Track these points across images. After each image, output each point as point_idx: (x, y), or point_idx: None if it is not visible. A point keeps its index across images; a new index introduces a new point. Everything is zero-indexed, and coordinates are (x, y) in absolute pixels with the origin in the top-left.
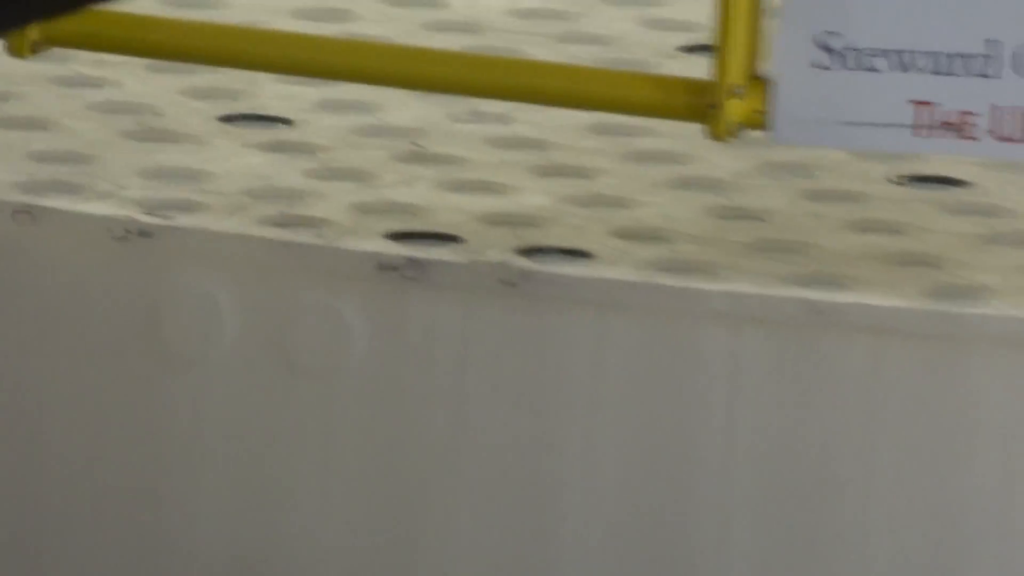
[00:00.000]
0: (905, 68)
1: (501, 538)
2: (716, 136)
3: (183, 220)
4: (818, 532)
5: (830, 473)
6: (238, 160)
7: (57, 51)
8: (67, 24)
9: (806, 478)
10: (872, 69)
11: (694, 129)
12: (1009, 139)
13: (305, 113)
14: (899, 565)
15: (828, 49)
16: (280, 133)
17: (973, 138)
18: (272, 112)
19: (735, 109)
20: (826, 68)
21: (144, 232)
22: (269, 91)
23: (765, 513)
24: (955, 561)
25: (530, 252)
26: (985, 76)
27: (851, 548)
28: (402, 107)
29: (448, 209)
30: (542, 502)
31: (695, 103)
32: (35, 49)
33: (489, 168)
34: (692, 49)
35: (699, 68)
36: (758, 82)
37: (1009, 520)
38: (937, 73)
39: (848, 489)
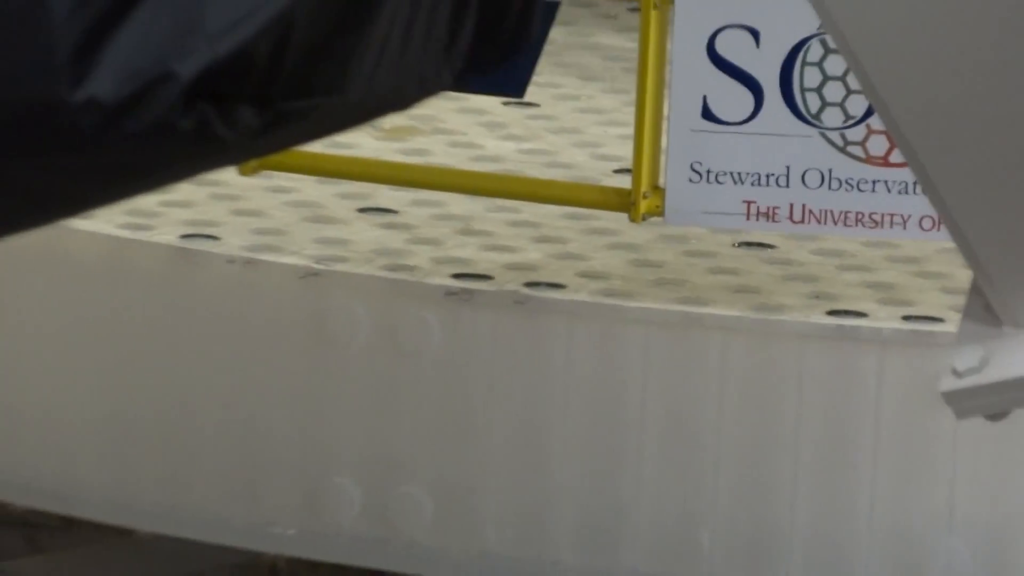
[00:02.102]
0: (738, 183)
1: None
2: (633, 220)
3: (337, 266)
4: None
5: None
6: (367, 233)
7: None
8: (276, 156)
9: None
10: (720, 183)
11: (622, 216)
12: (800, 222)
13: (404, 207)
14: None
15: (696, 171)
16: (390, 218)
17: (777, 221)
18: (385, 206)
19: (644, 205)
20: (695, 182)
21: (315, 273)
22: (384, 194)
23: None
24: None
25: (530, 285)
26: (785, 187)
27: None
28: (458, 203)
29: (484, 261)
30: (535, 441)
31: (623, 202)
32: (255, 171)
33: (506, 238)
34: (620, 171)
35: (625, 181)
36: (657, 190)
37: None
38: (756, 185)
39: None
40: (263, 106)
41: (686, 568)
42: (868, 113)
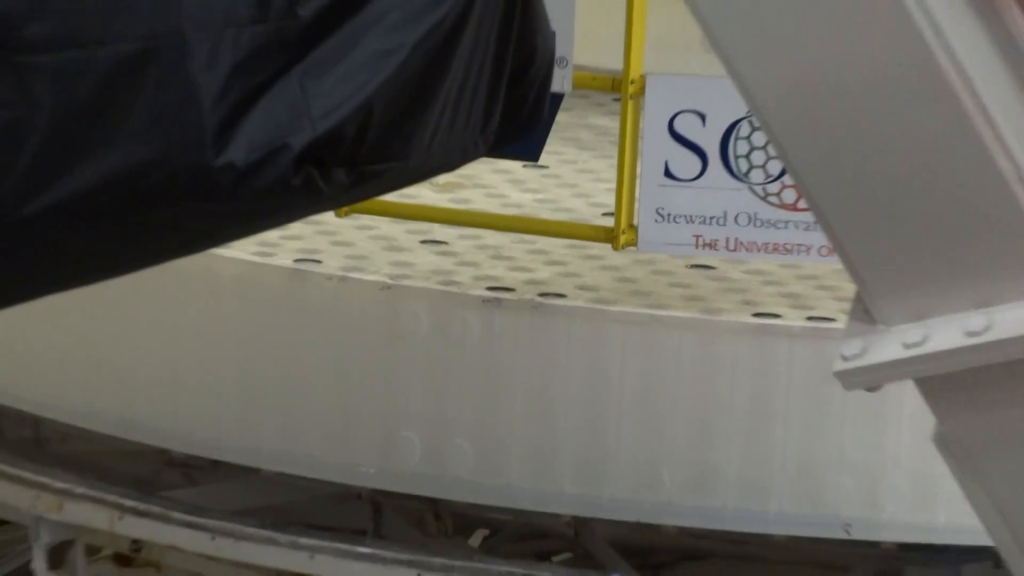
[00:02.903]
0: (689, 223)
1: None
2: (615, 248)
3: (404, 282)
4: None
5: None
6: (426, 259)
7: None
8: (361, 203)
9: None
10: (677, 223)
11: (607, 246)
12: (734, 251)
13: (452, 239)
14: None
15: (660, 214)
16: (442, 248)
17: (717, 249)
18: (439, 239)
19: (623, 239)
20: (659, 222)
21: (389, 287)
22: (438, 230)
23: None
24: None
25: (542, 295)
26: (723, 226)
27: None
28: (491, 237)
29: (509, 278)
30: (545, 406)
31: (608, 235)
32: (346, 214)
33: (525, 261)
34: (606, 214)
35: (609, 221)
36: (632, 228)
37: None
38: (702, 224)
39: None
40: (351, 169)
41: (652, 495)
42: (782, 173)
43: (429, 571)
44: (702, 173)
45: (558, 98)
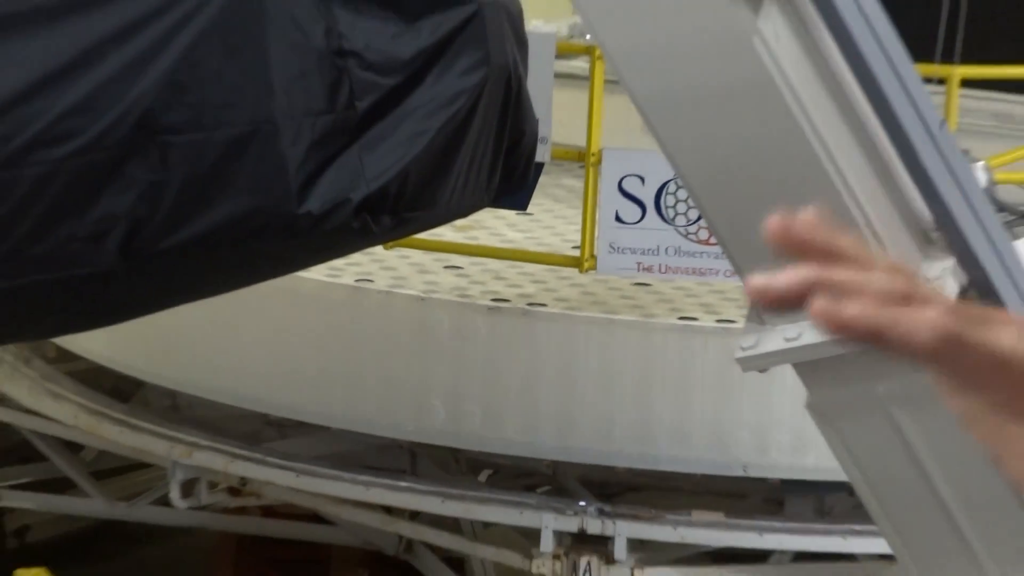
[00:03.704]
0: (633, 253)
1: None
2: (581, 272)
3: (433, 295)
4: None
5: None
6: (447, 279)
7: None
8: (401, 240)
9: None
10: (624, 253)
11: (575, 271)
12: (664, 273)
13: (466, 265)
14: None
15: (612, 248)
16: (459, 271)
17: (653, 272)
18: (456, 264)
19: (586, 265)
20: (611, 253)
21: (422, 299)
22: (456, 259)
23: None
24: None
25: (529, 304)
26: (657, 256)
27: None
28: (493, 264)
29: (506, 292)
30: (530, 384)
31: (576, 262)
32: (391, 247)
33: (516, 281)
34: (575, 247)
35: (576, 252)
36: (593, 257)
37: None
38: (642, 255)
39: None
40: (394, 216)
41: (607, 445)
42: (698, 218)
43: (449, 498)
44: (642, 218)
45: (540, 166)
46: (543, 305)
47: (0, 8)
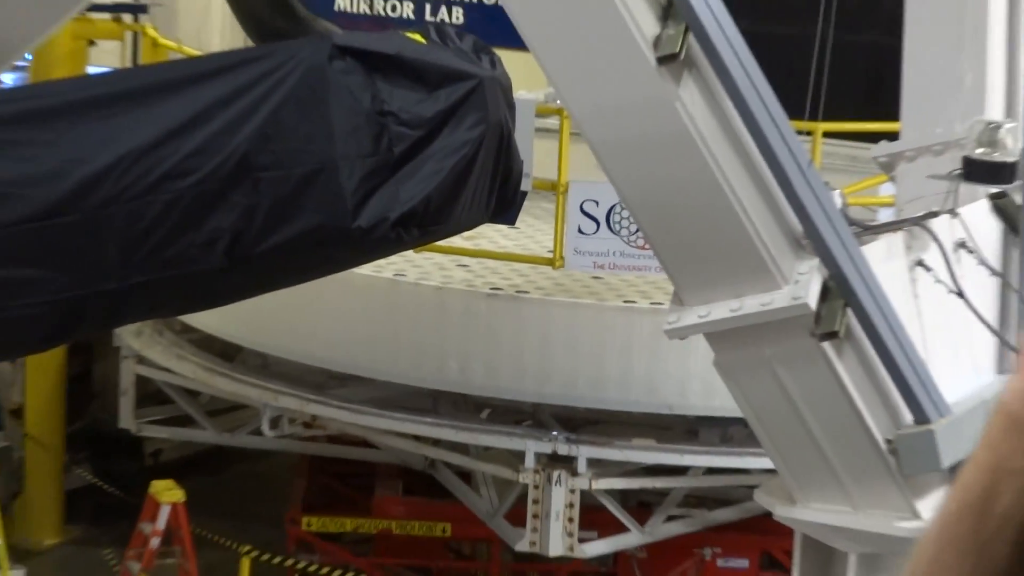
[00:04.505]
0: (591, 256)
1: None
2: (554, 268)
3: (449, 286)
4: None
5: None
6: (459, 274)
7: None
8: (426, 246)
9: None
10: (584, 255)
11: (549, 268)
12: (613, 270)
13: (472, 264)
14: None
15: (576, 251)
16: (465, 268)
17: (604, 269)
18: (465, 263)
19: (557, 264)
20: (576, 255)
21: (440, 288)
22: (466, 260)
23: None
24: None
25: (517, 292)
26: (608, 257)
27: None
28: (492, 262)
29: (501, 282)
30: (516, 349)
31: (550, 261)
32: (419, 251)
33: (507, 275)
34: (549, 251)
35: (550, 254)
36: (562, 257)
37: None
38: (598, 256)
39: None
40: (420, 229)
41: (572, 391)
42: (637, 230)
43: (460, 429)
44: (597, 231)
45: (524, 193)
46: (527, 292)
47: (143, 81)
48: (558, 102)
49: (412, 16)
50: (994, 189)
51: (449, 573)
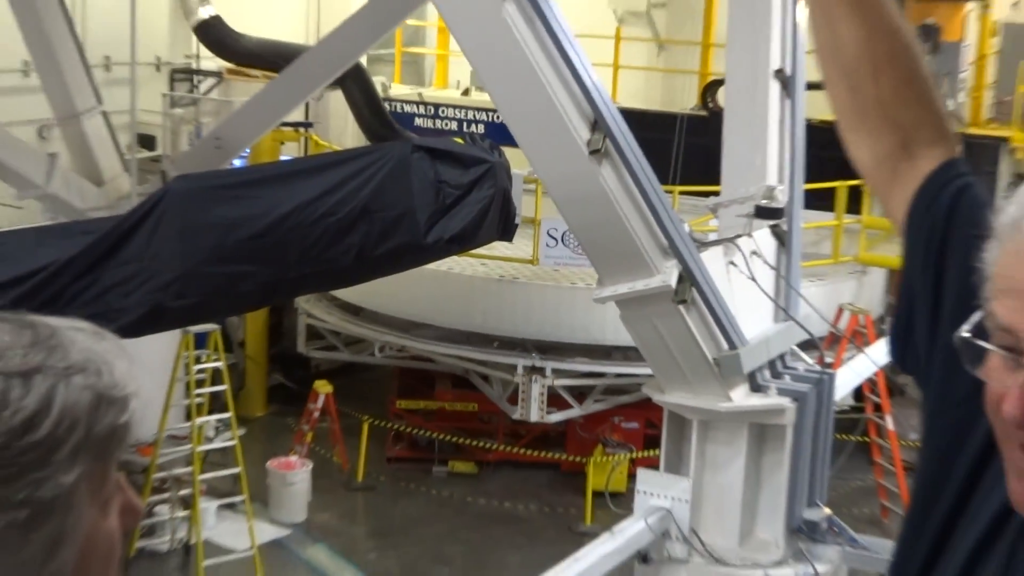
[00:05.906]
0: (557, 260)
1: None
2: (534, 265)
3: (472, 275)
4: None
5: None
6: (479, 269)
7: None
8: (462, 253)
9: None
10: (551, 257)
11: (530, 264)
12: (570, 266)
13: (488, 262)
14: None
15: (548, 256)
16: (483, 265)
17: (565, 265)
18: (484, 262)
19: (536, 262)
20: (547, 258)
21: (470, 277)
22: (484, 259)
23: None
24: None
25: (514, 278)
26: (569, 261)
27: None
28: (498, 262)
29: (505, 273)
30: (508, 313)
31: (532, 260)
32: (460, 255)
33: (507, 270)
34: (532, 257)
35: (531, 257)
36: (538, 259)
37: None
38: (559, 260)
39: None
40: (459, 244)
41: (544, 333)
42: (578, 244)
43: (481, 352)
44: (557, 245)
45: (516, 224)
46: (518, 278)
47: (309, 164)
48: (535, 175)
49: (456, 128)
50: (772, 222)
51: (476, 431)
